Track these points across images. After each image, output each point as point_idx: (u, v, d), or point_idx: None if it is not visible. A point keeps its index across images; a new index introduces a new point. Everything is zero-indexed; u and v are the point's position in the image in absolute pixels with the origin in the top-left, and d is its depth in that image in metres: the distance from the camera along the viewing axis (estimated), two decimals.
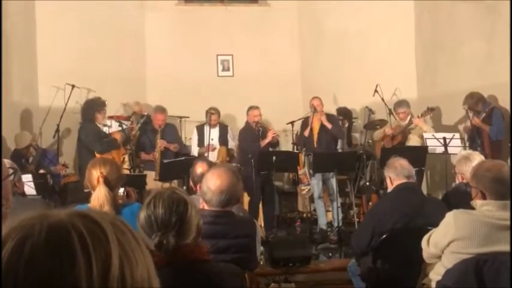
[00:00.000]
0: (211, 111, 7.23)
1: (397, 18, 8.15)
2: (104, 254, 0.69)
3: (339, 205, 6.53)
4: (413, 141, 6.78)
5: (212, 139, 7.10)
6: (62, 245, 0.68)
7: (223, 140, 7.30)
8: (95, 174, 2.76)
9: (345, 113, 7.76)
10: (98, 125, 6.65)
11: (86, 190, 2.93)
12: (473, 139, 6.29)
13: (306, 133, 6.81)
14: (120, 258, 0.70)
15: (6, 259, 0.66)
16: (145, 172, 6.58)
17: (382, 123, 7.22)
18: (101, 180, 2.71)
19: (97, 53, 7.96)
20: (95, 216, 0.73)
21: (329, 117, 6.87)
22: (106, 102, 6.79)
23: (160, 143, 6.85)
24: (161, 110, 7.09)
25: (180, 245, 1.83)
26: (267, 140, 6.81)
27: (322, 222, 6.64)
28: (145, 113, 7.37)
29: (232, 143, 7.44)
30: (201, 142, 7.30)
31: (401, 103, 7.02)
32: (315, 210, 6.84)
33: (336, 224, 6.46)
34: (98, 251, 0.68)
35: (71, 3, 7.67)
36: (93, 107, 6.63)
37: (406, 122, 6.82)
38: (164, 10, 8.65)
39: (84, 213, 0.74)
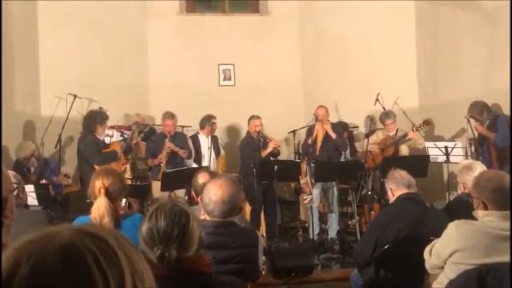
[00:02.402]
0: (213, 120, 7.22)
1: (398, 26, 8.18)
2: (117, 271, 0.70)
3: (337, 216, 6.54)
4: (404, 151, 6.86)
5: (208, 148, 7.06)
6: (78, 268, 0.68)
7: (216, 149, 7.28)
8: (98, 184, 2.77)
9: (341, 126, 7.74)
10: (98, 136, 6.62)
11: (88, 200, 2.94)
12: (476, 149, 6.24)
13: (310, 141, 6.81)
14: (131, 274, 0.72)
15: (25, 286, 0.66)
16: (151, 181, 6.53)
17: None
18: (102, 191, 2.72)
19: (99, 63, 7.99)
20: (101, 234, 0.74)
21: (334, 126, 6.87)
22: (108, 116, 6.78)
23: (168, 145, 6.79)
24: (170, 115, 6.98)
25: (182, 257, 1.83)
26: (268, 151, 6.79)
27: (315, 231, 6.62)
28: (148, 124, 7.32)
29: (223, 152, 7.50)
30: (198, 153, 7.25)
31: (389, 114, 7.06)
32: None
33: (333, 235, 6.47)
34: (112, 269, 0.70)
35: (74, 12, 7.72)
36: (95, 119, 6.62)
37: (394, 132, 6.90)
38: (166, 19, 8.68)
39: (90, 231, 0.74)
